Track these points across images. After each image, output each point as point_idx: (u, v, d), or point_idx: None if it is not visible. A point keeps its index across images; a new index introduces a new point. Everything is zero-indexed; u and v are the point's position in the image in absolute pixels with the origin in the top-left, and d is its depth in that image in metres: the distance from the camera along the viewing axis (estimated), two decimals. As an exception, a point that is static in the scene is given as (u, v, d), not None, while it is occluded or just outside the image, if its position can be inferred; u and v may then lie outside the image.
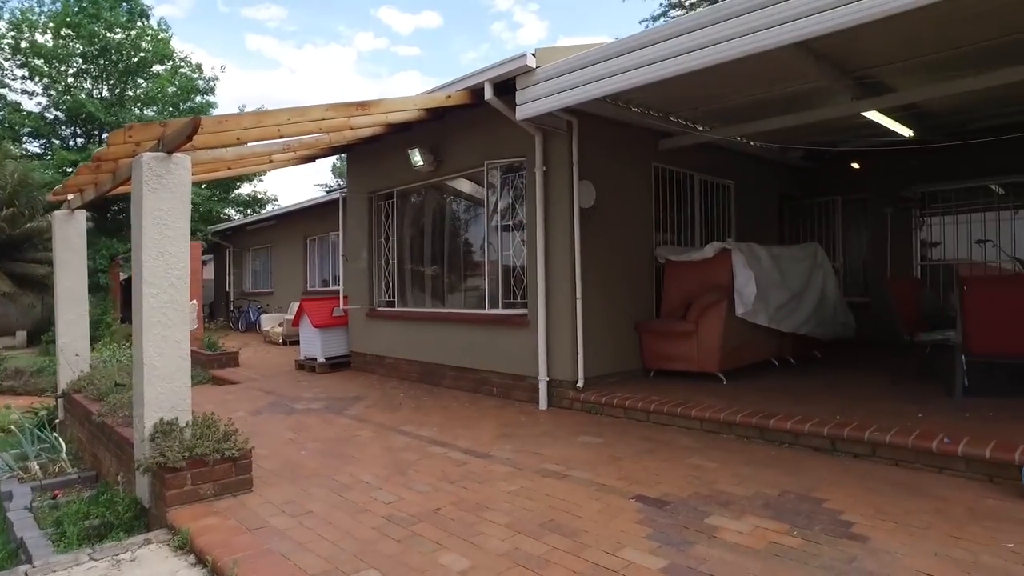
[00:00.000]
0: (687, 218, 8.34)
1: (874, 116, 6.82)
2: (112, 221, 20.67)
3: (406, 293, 9.09)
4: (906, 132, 7.58)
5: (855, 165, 9.80)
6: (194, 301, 11.22)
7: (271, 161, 7.50)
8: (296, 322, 10.32)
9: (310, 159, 8.64)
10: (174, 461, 3.78)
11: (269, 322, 15.32)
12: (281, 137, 5.50)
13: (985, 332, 4.96)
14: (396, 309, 9.07)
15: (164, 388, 4.10)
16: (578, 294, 6.48)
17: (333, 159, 30.88)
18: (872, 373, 6.99)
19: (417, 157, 7.95)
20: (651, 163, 7.67)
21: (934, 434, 4.35)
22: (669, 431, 5.47)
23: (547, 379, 6.61)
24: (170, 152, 4.11)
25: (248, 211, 24.60)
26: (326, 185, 38.01)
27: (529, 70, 5.98)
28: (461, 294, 8.25)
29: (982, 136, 8.18)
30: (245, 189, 25.31)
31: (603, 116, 6.79)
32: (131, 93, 22.87)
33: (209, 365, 10.18)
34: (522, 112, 6.13)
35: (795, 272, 7.51)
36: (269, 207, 25.16)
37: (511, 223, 7.34)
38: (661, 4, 21.58)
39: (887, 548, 3.09)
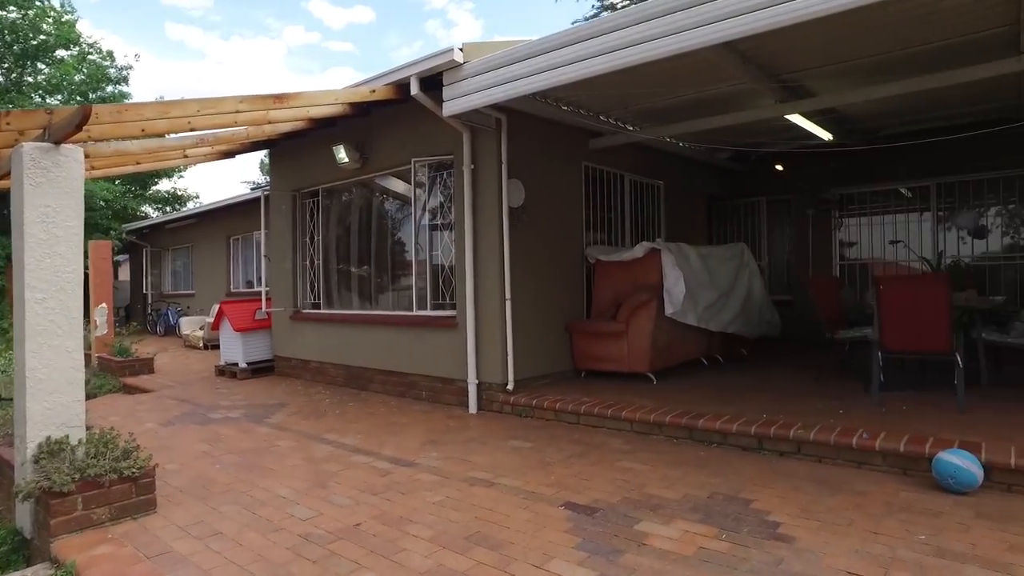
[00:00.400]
0: (617, 218, 8.35)
1: (796, 119, 6.99)
2: (6, 219, 19.23)
3: (332, 295, 8.76)
4: (826, 136, 7.81)
5: (779, 167, 10.07)
6: (103, 305, 10.51)
7: (185, 156, 7.05)
8: (216, 326, 9.81)
9: (229, 154, 8.20)
10: (61, 484, 3.43)
11: (189, 325, 14.58)
12: (193, 130, 5.14)
13: (898, 329, 5.12)
14: (322, 311, 8.74)
15: (52, 403, 3.72)
16: (507, 295, 6.36)
17: (260, 155, 29.84)
18: (796, 370, 7.16)
19: (342, 154, 7.66)
20: (582, 162, 7.63)
21: (854, 430, 4.44)
22: (600, 433, 5.42)
23: (476, 382, 6.47)
24: (58, 143, 3.74)
25: (167, 208, 23.38)
26: (253, 182, 36.67)
27: (456, 65, 5.82)
28: (389, 295, 8.01)
29: (893, 142, 8.57)
30: (164, 185, 24.04)
31: (533, 114, 6.70)
32: (31, 79, 21.25)
33: (120, 373, 9.54)
34: (449, 108, 5.96)
35: (723, 272, 7.62)
36: (190, 204, 24.00)
37: (440, 222, 7.16)
38: (594, 6, 21.78)
39: (812, 548, 3.08)
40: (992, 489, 3.80)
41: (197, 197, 24.88)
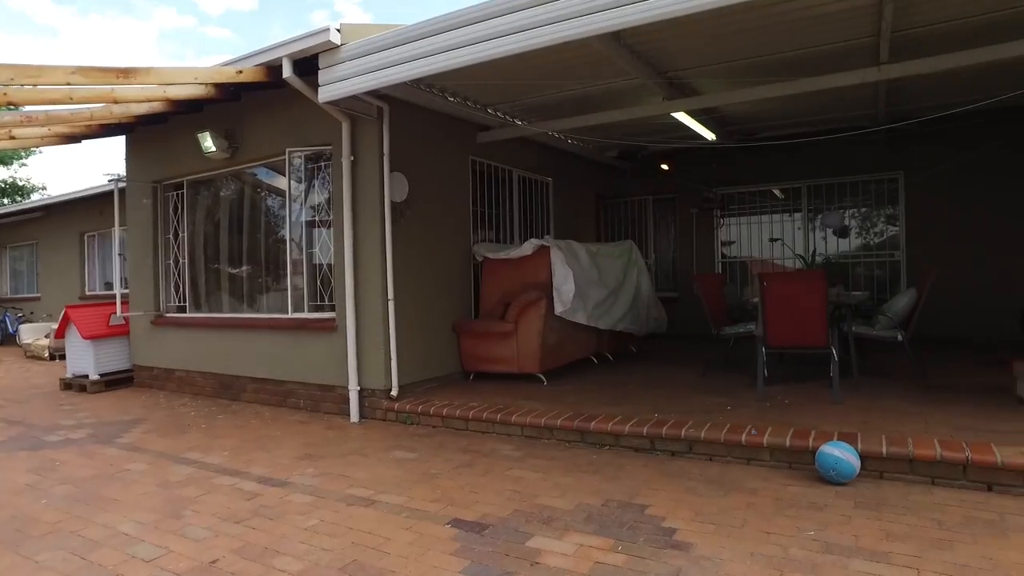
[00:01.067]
0: (506, 214, 8.16)
1: (682, 118, 7.07)
2: None
3: (200, 297, 7.99)
4: (710, 136, 8.00)
5: (664, 167, 10.28)
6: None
7: (12, 138, 6.12)
8: (60, 333, 8.69)
9: (73, 139, 7.27)
10: None
11: (32, 333, 12.98)
12: (11, 105, 4.38)
13: (781, 325, 5.24)
14: (188, 315, 7.94)
15: None
16: (390, 295, 5.98)
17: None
18: (684, 367, 7.26)
19: (209, 142, 6.96)
20: (469, 156, 7.36)
21: (742, 427, 4.46)
22: (489, 440, 5.17)
23: (358, 388, 6.04)
24: None
25: (5, 200, 20.83)
26: (118, 175, 33.61)
27: (333, 47, 5.37)
28: (265, 297, 7.38)
29: (770, 144, 8.95)
30: (1, 174, 21.43)
31: (418, 104, 6.36)
32: None
33: (-60, 389, 8.25)
34: (325, 94, 5.50)
35: (612, 269, 7.61)
36: (35, 196, 21.53)
37: (318, 218, 6.65)
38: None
39: (709, 555, 2.97)
40: (867, 477, 3.90)
41: (44, 188, 22.39)
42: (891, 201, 9.06)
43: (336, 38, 5.31)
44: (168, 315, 8.14)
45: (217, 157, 7.09)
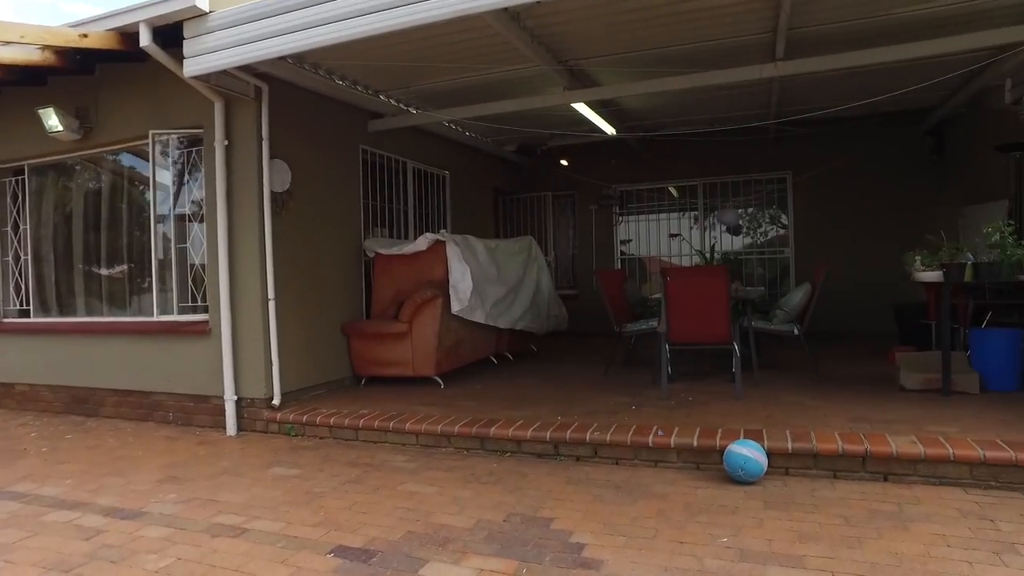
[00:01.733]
0: (400, 208, 7.72)
1: (583, 109, 6.90)
2: None
3: (48, 299, 6.99)
4: (610, 130, 7.90)
5: (564, 162, 10.17)
6: None
7: None
8: None
9: None
10: None
11: None
12: None
13: (684, 321, 5.14)
14: (33, 320, 6.94)
15: None
16: (271, 294, 5.41)
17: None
18: (586, 365, 7.10)
19: (53, 120, 6.05)
20: (360, 146, 6.86)
21: (649, 428, 4.28)
22: (382, 450, 4.74)
23: (235, 398, 5.43)
24: None
25: None
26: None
27: (200, 14, 4.74)
28: (127, 298, 6.54)
29: (668, 142, 9.02)
30: None
31: (303, 86, 5.81)
32: None
33: None
34: (192, 68, 4.85)
35: (511, 266, 7.35)
36: None
37: (189, 211, 5.95)
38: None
39: (620, 572, 2.72)
40: (773, 474, 3.81)
41: None
42: (780, 200, 9.37)
43: (204, 4, 4.69)
44: (7, 320, 7.08)
45: (65, 138, 6.19)
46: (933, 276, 4.85)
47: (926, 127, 8.38)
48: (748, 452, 3.72)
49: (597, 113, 7.24)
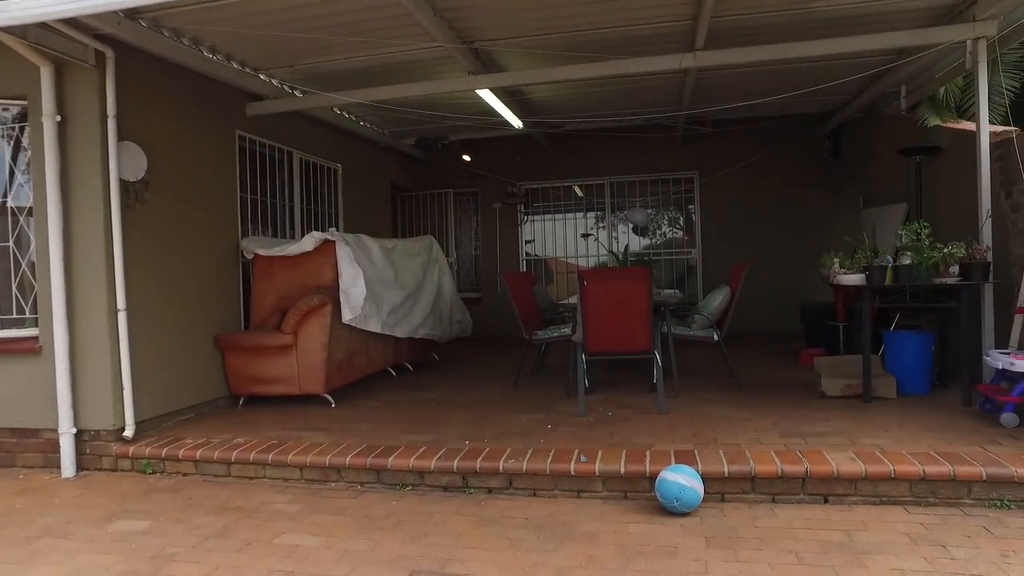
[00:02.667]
0: (285, 204, 6.87)
1: (488, 97, 6.34)
2: None
3: None
4: (517, 123, 7.42)
5: (466, 158, 9.60)
6: None
7: None
8: None
9: None
10: None
11: None
12: None
13: (602, 330, 4.71)
14: None
15: None
16: (120, 304, 4.49)
17: None
18: (493, 376, 6.55)
19: None
20: (236, 131, 5.98)
21: (569, 452, 3.80)
22: (259, 488, 3.98)
23: (74, 431, 4.46)
24: None
25: None
26: None
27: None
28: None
29: (576, 139, 8.69)
30: None
31: (162, 56, 4.89)
32: None
33: None
34: None
35: (410, 268, 6.70)
36: None
37: (13, 202, 4.88)
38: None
39: (552, 653, 2.19)
40: (708, 500, 3.42)
41: None
42: (688, 200, 9.25)
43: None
44: None
45: None
46: (855, 279, 4.67)
47: (825, 131, 8.48)
48: (683, 480, 3.31)
49: (504, 103, 6.71)
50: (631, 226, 9.33)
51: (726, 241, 8.93)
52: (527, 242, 9.89)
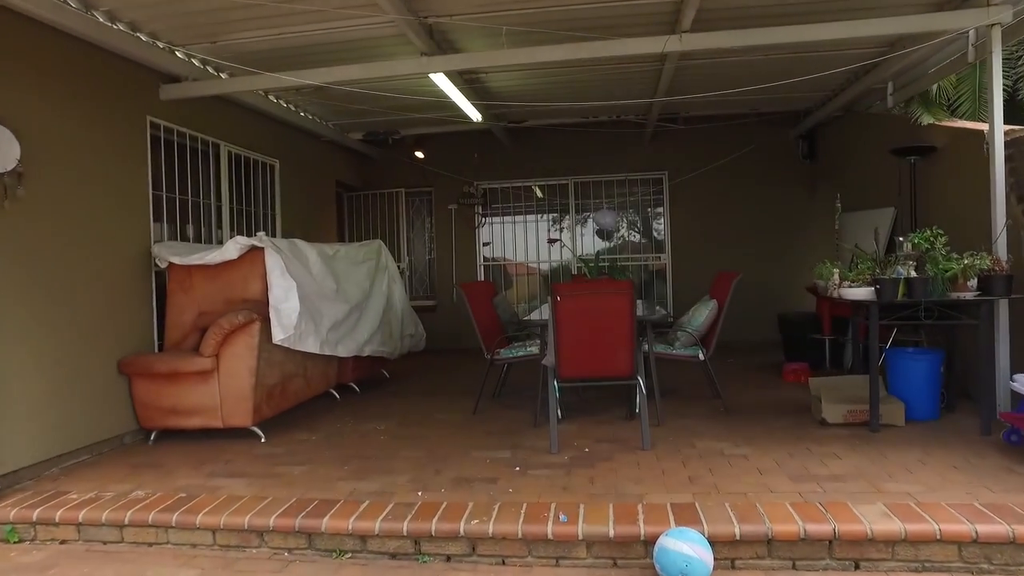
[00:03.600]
0: (211, 204, 6.00)
1: (442, 82, 5.57)
2: None
3: None
4: (476, 116, 6.71)
5: (419, 154, 8.84)
6: None
7: None
8: None
9: None
10: None
11: None
12: None
13: (577, 352, 4.04)
14: None
15: None
16: (-17, 326, 3.63)
17: None
18: (449, 397, 5.82)
19: None
20: (147, 117, 5.10)
21: (545, 508, 3.12)
22: (159, 559, 3.17)
23: (-79, 487, 3.58)
24: None
25: None
26: None
27: None
28: None
29: (538, 137, 8.05)
30: None
31: (45, 21, 4.01)
32: None
33: None
34: None
35: (355, 277, 5.91)
36: None
37: None
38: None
39: None
40: (717, 570, 2.77)
41: None
42: (656, 202, 8.71)
43: None
44: None
45: None
46: (863, 294, 4.12)
47: (800, 131, 8.05)
48: (688, 549, 2.67)
49: (461, 92, 5.98)
50: (596, 229, 8.72)
51: (696, 245, 8.43)
52: (484, 244, 9.19)
